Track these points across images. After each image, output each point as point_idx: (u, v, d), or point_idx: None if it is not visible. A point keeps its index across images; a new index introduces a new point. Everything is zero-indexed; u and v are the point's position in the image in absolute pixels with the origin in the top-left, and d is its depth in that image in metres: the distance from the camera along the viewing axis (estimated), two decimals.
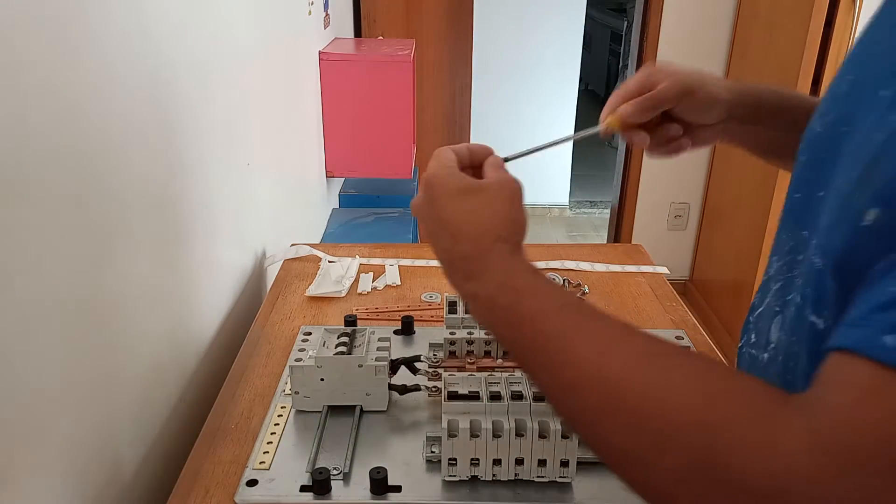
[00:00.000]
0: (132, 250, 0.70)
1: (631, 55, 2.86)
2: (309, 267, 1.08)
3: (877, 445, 0.31)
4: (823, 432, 0.32)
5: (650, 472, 0.37)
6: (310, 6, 1.68)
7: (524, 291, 0.45)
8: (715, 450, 0.34)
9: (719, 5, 2.60)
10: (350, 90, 1.85)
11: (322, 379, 0.71)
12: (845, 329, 0.34)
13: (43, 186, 0.54)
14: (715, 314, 2.74)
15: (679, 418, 0.36)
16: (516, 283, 0.46)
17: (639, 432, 0.37)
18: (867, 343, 0.33)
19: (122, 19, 0.67)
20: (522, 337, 0.44)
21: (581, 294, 1.01)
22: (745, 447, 0.33)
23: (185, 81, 0.84)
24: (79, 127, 0.59)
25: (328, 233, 1.86)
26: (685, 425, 0.36)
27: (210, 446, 0.70)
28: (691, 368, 0.39)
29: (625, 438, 0.38)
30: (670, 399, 0.37)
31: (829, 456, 0.31)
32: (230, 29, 1.03)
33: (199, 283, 0.90)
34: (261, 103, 1.22)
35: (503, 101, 3.68)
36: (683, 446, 0.35)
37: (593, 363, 0.40)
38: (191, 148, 0.86)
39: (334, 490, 0.63)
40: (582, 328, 0.43)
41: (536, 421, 0.60)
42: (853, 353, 0.33)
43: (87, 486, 0.62)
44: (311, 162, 1.76)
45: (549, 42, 3.63)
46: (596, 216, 4.04)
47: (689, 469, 0.35)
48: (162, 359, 0.79)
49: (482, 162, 0.54)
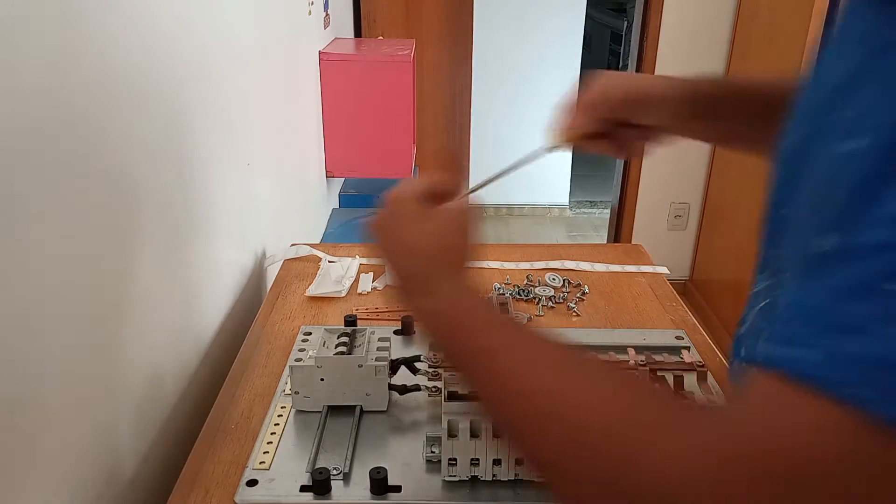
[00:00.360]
0: (132, 250, 0.70)
1: (631, 55, 2.86)
2: (309, 267, 1.08)
3: (775, 456, 0.32)
4: (728, 443, 0.33)
5: (573, 484, 0.39)
6: (310, 6, 1.68)
7: (469, 309, 0.49)
8: (630, 462, 0.36)
9: (719, 5, 2.60)
10: (350, 90, 1.85)
11: (322, 379, 0.72)
12: (755, 343, 0.35)
13: (43, 186, 0.54)
14: (715, 314, 2.74)
15: (597, 432, 0.38)
16: (462, 301, 0.49)
17: (562, 445, 0.39)
18: (765, 355, 0.33)
19: (121, 19, 0.67)
20: (464, 349, 0.47)
21: (581, 294, 1.01)
22: (659, 459, 0.35)
23: (185, 81, 0.84)
24: (79, 126, 0.59)
25: (328, 233, 1.86)
26: (605, 439, 0.37)
27: (210, 446, 0.70)
28: (612, 383, 0.41)
29: (549, 450, 0.40)
30: (593, 413, 0.39)
31: (734, 467, 0.32)
32: (230, 29, 1.03)
33: (200, 283, 0.90)
34: (261, 103, 1.22)
35: (503, 101, 3.68)
36: (603, 459, 0.37)
37: (524, 377, 0.43)
38: (191, 148, 0.86)
39: (334, 490, 0.63)
40: (518, 343, 0.46)
41: None
42: (757, 364, 0.34)
43: (87, 486, 0.62)
44: (311, 162, 1.76)
45: (549, 42, 3.63)
46: (596, 216, 4.04)
47: (607, 482, 0.37)
48: (162, 359, 0.79)
49: (445, 196, 0.56)
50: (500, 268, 1.08)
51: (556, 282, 1.03)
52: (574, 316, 0.95)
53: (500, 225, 3.85)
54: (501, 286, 1.02)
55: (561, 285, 1.03)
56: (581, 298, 1.00)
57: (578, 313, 0.96)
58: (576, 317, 0.95)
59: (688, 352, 0.81)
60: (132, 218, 0.70)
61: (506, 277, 1.05)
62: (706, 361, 0.79)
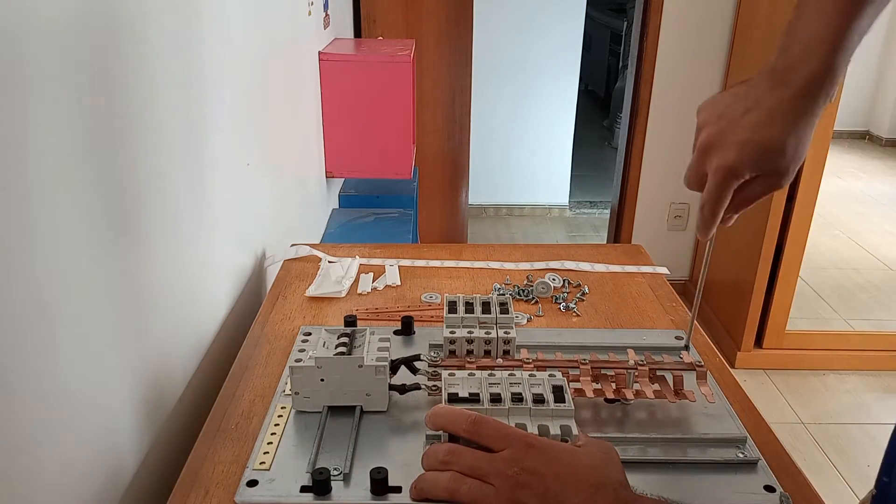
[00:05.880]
0: (131, 251, 0.70)
1: (631, 55, 2.86)
2: (309, 267, 1.08)
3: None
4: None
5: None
6: (310, 7, 1.68)
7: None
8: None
9: (719, 5, 2.60)
10: (350, 90, 1.85)
11: (322, 379, 0.71)
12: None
13: (43, 187, 0.54)
14: (715, 314, 2.74)
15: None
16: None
17: None
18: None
19: (121, 18, 0.67)
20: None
21: (581, 294, 1.01)
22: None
23: (185, 81, 0.84)
24: (76, 127, 0.59)
25: (328, 233, 1.86)
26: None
27: (210, 446, 0.70)
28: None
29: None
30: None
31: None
32: (230, 29, 1.03)
33: (199, 283, 0.90)
34: (261, 103, 1.22)
35: (503, 101, 3.69)
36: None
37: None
38: (190, 148, 0.86)
39: (334, 490, 0.63)
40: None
41: (536, 424, 0.60)
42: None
43: (87, 486, 0.62)
44: (310, 162, 1.76)
45: (549, 42, 3.64)
46: (596, 216, 4.04)
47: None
48: (162, 359, 0.79)
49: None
50: (500, 268, 1.08)
51: (556, 282, 1.03)
52: (574, 316, 0.95)
53: (500, 225, 3.85)
54: (501, 286, 1.02)
55: (561, 285, 1.03)
56: (581, 298, 1.00)
57: (578, 313, 0.96)
58: (576, 317, 0.95)
59: (687, 352, 0.81)
60: (131, 218, 0.70)
61: (506, 277, 1.05)
62: (706, 361, 0.79)
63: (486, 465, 0.49)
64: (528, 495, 0.48)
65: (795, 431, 2.26)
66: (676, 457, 0.67)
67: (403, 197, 2.15)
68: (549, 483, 0.48)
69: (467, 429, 0.52)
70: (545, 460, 0.49)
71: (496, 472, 0.49)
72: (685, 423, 0.72)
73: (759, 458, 0.67)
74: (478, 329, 0.77)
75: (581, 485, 0.48)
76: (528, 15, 3.57)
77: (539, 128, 3.73)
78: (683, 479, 0.65)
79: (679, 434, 0.70)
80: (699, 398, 0.73)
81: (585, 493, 0.48)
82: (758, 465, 0.67)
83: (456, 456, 0.51)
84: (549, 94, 3.72)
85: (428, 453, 0.52)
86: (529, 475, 0.48)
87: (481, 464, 0.50)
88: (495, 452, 0.50)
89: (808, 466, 2.09)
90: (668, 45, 2.66)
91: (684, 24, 2.62)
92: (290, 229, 1.46)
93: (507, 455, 0.50)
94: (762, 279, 2.41)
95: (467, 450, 0.51)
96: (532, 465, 0.49)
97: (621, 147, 2.94)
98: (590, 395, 0.72)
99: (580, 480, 0.48)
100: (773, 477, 0.65)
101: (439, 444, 0.53)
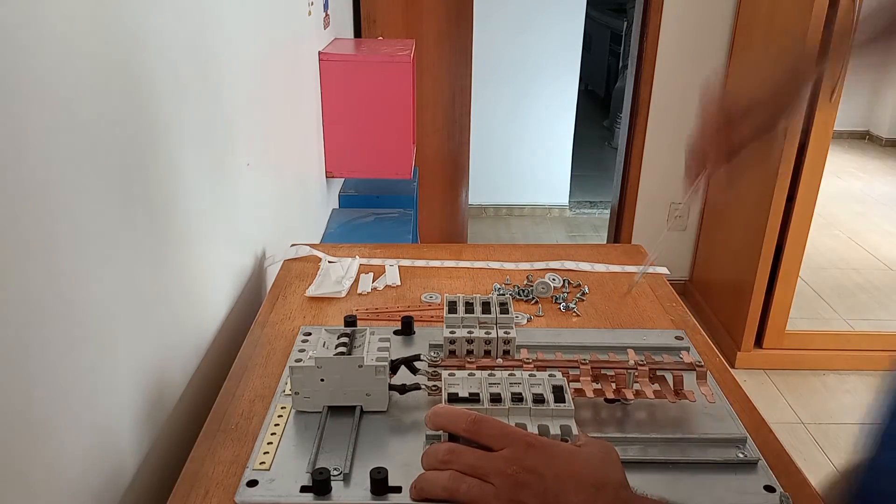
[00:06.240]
0: (131, 251, 0.70)
1: (631, 55, 2.86)
2: (309, 267, 1.08)
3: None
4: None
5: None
6: (310, 7, 1.68)
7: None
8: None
9: (719, 5, 2.60)
10: (350, 90, 1.85)
11: (322, 379, 0.71)
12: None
13: (43, 186, 0.54)
14: (715, 314, 2.74)
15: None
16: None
17: None
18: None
19: (120, 19, 0.67)
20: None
21: (581, 294, 1.01)
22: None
23: (185, 81, 0.84)
24: (76, 127, 0.59)
25: (328, 233, 1.86)
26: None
27: (210, 446, 0.70)
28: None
29: None
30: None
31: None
32: (229, 29, 1.03)
33: (199, 283, 0.90)
34: (261, 103, 1.22)
35: (503, 101, 3.69)
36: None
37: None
38: (190, 148, 0.86)
39: (334, 490, 0.63)
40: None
41: (536, 424, 0.60)
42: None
43: (87, 486, 0.62)
44: (310, 162, 1.76)
45: (549, 42, 3.64)
46: (596, 216, 4.04)
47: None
48: (162, 359, 0.79)
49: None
50: (500, 268, 1.08)
51: (556, 282, 1.03)
52: (574, 316, 0.95)
53: (500, 225, 3.85)
54: (501, 286, 1.02)
55: (561, 285, 1.03)
56: (581, 298, 1.00)
57: (578, 313, 0.96)
58: (576, 317, 0.95)
59: (687, 352, 0.81)
60: (131, 218, 0.70)
61: (506, 277, 1.05)
62: (706, 361, 0.79)
63: (486, 464, 0.49)
64: (528, 495, 0.48)
65: (795, 431, 2.26)
66: (676, 457, 0.67)
67: (403, 197, 2.15)
68: (549, 482, 0.48)
69: (467, 428, 0.52)
70: (545, 460, 0.49)
71: (496, 471, 0.49)
72: (685, 424, 0.72)
73: (759, 459, 0.67)
74: (478, 329, 0.77)
75: (581, 485, 0.48)
76: (528, 15, 3.57)
77: (539, 128, 3.73)
78: (683, 479, 0.65)
79: (679, 434, 0.70)
80: (699, 398, 0.73)
81: (585, 492, 0.48)
82: (758, 465, 0.67)
83: (456, 455, 0.51)
84: (549, 94, 3.72)
85: (428, 453, 0.52)
86: (529, 474, 0.48)
87: (481, 463, 0.50)
88: (495, 452, 0.50)
89: (808, 466, 2.09)
90: (668, 45, 2.66)
91: (684, 24, 2.63)
92: (290, 229, 1.46)
93: (507, 454, 0.50)
94: (762, 279, 2.41)
95: (467, 449, 0.51)
96: (532, 464, 0.49)
97: (621, 147, 2.95)
98: (590, 395, 0.72)
99: (580, 480, 0.48)
100: (773, 477, 0.65)
101: (439, 444, 0.53)
